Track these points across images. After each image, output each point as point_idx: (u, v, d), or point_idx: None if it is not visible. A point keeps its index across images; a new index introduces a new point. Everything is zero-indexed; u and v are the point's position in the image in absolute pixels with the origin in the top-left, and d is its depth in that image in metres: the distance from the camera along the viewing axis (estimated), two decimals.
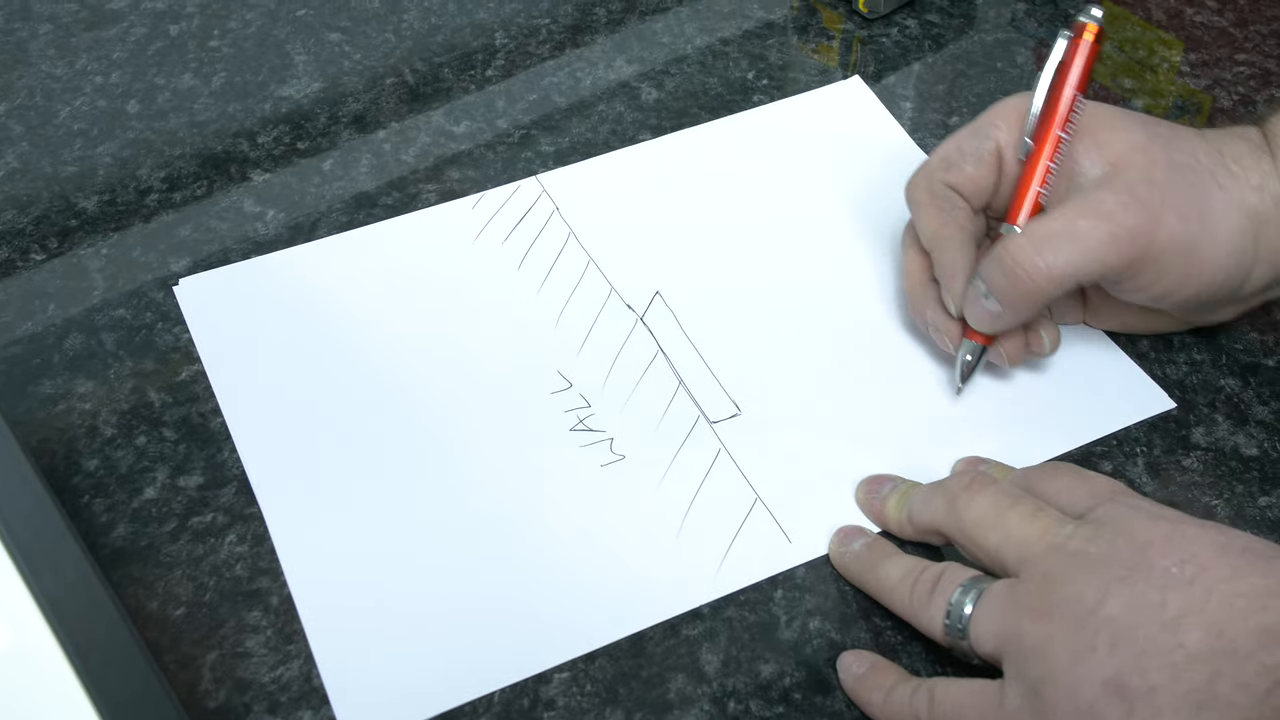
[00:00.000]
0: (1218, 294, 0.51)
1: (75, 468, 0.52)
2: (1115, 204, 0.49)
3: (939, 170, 0.54)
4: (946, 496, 0.47)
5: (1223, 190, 0.50)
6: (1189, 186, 0.49)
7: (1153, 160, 0.50)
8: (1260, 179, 0.50)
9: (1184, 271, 0.49)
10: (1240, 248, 0.50)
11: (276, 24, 0.72)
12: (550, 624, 0.48)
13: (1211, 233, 0.49)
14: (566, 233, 0.61)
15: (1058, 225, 0.49)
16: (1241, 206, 0.50)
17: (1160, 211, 0.49)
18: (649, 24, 0.72)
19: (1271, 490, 0.52)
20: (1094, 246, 0.49)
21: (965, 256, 0.53)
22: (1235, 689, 0.37)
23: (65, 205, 0.62)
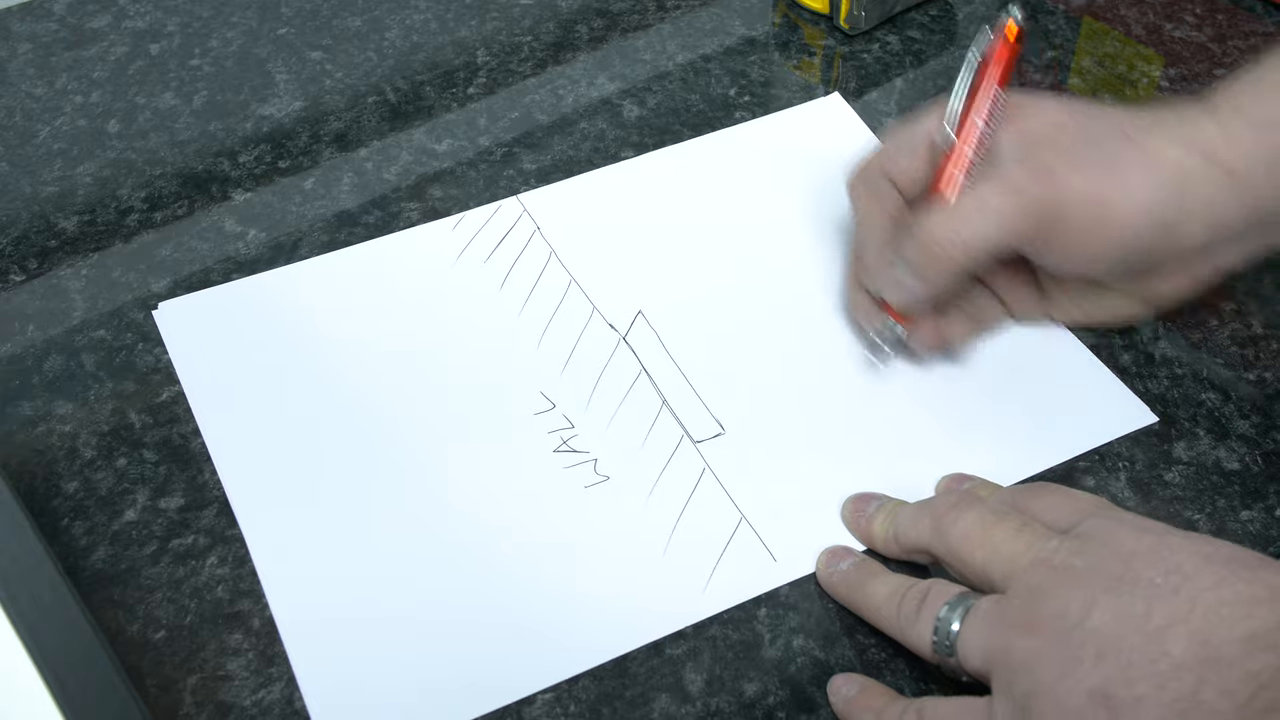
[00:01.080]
0: (1145, 253, 0.52)
1: (54, 490, 0.52)
2: (1023, 175, 0.51)
3: (876, 163, 0.56)
4: (933, 516, 0.47)
5: (1140, 150, 0.51)
6: (1101, 149, 0.51)
7: (1063, 130, 0.51)
8: (1187, 135, 0.51)
9: (1098, 232, 0.51)
10: (1159, 203, 0.50)
11: (257, 43, 0.72)
12: (536, 647, 0.48)
13: (1124, 189, 0.50)
14: (548, 253, 0.61)
15: (969, 201, 0.51)
16: (1161, 164, 0.50)
17: (1066, 175, 0.50)
18: (631, 41, 0.72)
19: (1253, 504, 0.52)
20: (1002, 217, 0.50)
21: (885, 231, 0.55)
22: (1220, 696, 0.37)
23: (45, 225, 0.62)
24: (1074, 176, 0.50)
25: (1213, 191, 0.51)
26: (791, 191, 0.64)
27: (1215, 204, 0.51)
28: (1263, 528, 0.52)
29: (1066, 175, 0.50)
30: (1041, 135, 0.52)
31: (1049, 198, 0.50)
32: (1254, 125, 0.51)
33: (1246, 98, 0.51)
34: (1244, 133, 0.51)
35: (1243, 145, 0.50)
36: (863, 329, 0.57)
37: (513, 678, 0.47)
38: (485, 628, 0.48)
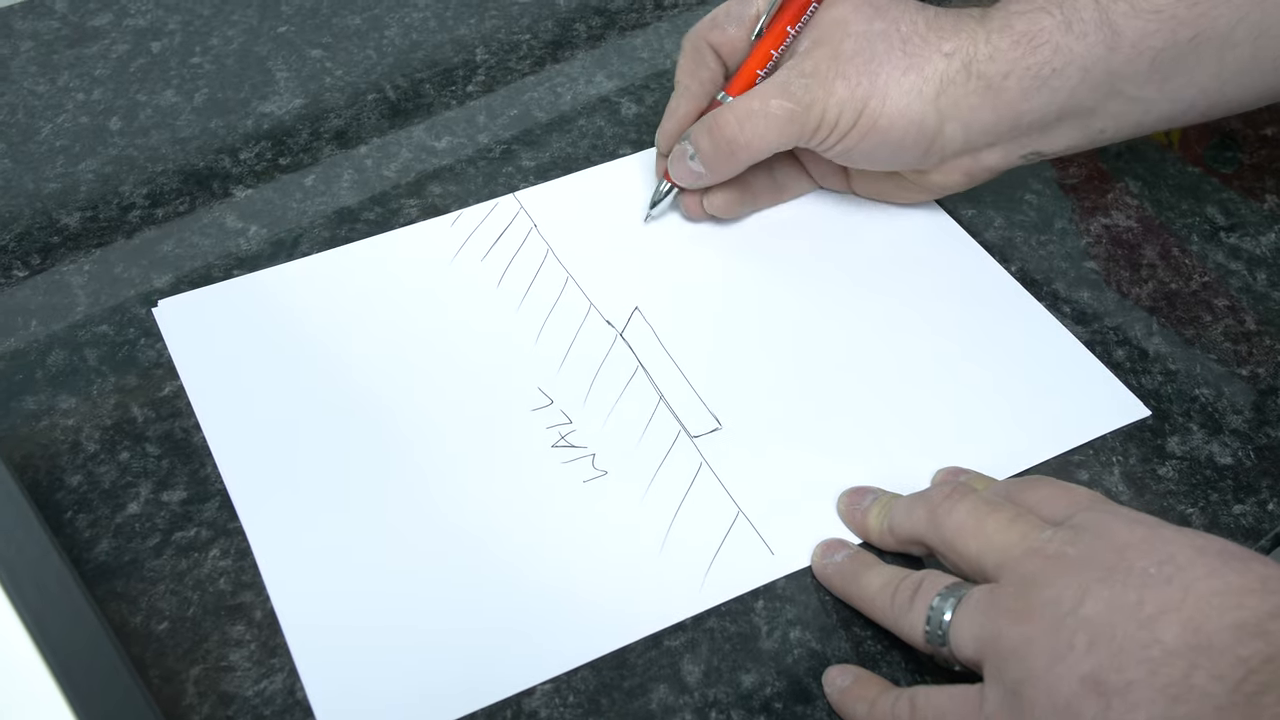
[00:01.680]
0: (905, 150, 0.56)
1: (58, 484, 0.52)
2: (799, 85, 0.56)
3: (705, 27, 0.60)
4: (927, 506, 0.47)
5: (907, 56, 0.55)
6: (870, 54, 0.55)
7: (845, 33, 0.56)
8: (954, 46, 0.55)
9: (859, 131, 0.56)
10: (914, 108, 0.55)
11: (258, 41, 0.72)
12: (535, 640, 0.48)
13: (882, 95, 0.55)
14: (545, 250, 0.62)
15: (756, 104, 0.56)
16: (921, 70, 0.55)
17: (832, 83, 0.55)
18: (629, 39, 0.73)
19: (1245, 498, 0.53)
20: (778, 123, 0.56)
21: (688, 104, 0.60)
22: (1210, 680, 0.37)
23: (47, 222, 0.62)
24: (839, 83, 0.55)
25: (969, 99, 0.55)
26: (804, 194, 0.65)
27: (971, 110, 0.55)
28: (1255, 521, 0.52)
29: (833, 82, 0.55)
30: (825, 34, 0.56)
31: (817, 104, 0.55)
32: (1015, 41, 0.54)
33: (1013, 11, 0.55)
34: (1005, 47, 0.54)
35: (1001, 59, 0.54)
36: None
37: (512, 670, 0.47)
38: (485, 620, 0.49)
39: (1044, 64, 0.54)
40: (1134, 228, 0.64)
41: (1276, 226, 0.64)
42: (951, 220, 0.63)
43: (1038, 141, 0.57)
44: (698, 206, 0.62)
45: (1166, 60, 0.54)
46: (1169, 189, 0.66)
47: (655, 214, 0.62)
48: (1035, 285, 0.61)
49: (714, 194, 0.61)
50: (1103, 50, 0.54)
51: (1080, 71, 0.54)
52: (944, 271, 0.61)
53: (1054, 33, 0.54)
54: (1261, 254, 0.62)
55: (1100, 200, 0.65)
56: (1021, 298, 0.60)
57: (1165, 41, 0.53)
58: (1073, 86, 0.54)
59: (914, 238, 0.63)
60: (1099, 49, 0.54)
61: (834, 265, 0.61)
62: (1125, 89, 0.55)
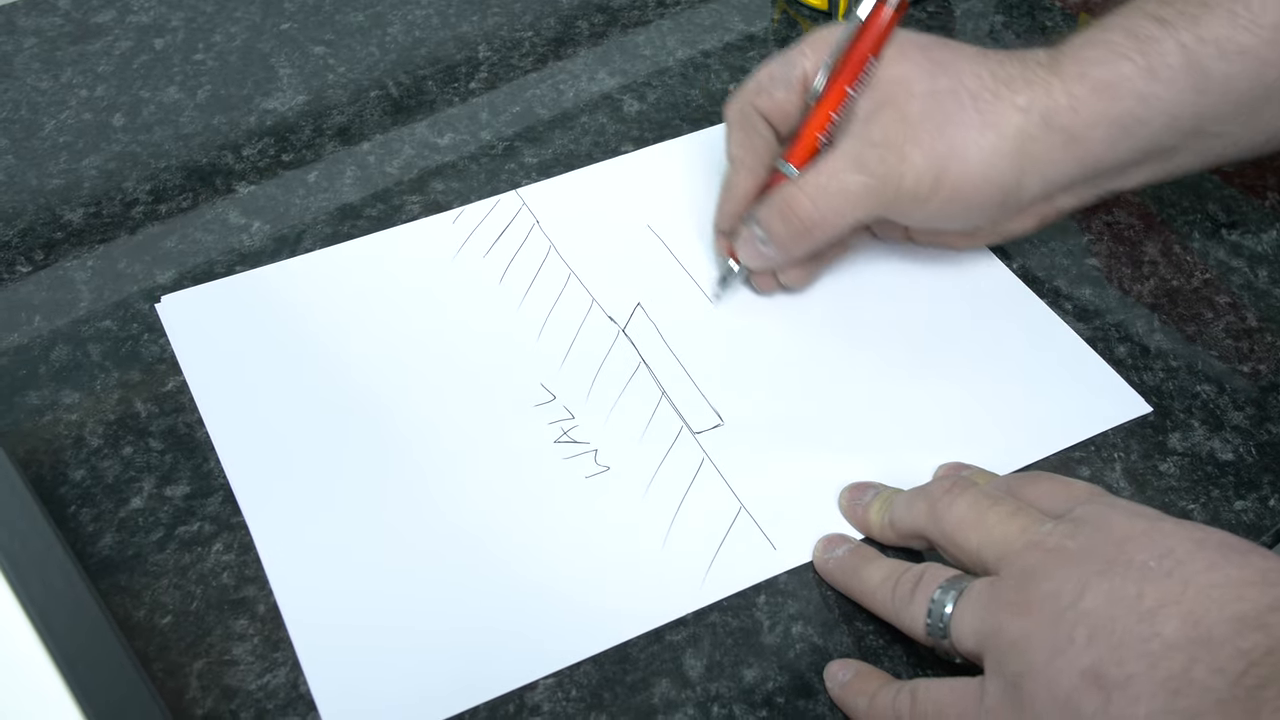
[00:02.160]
0: (986, 211, 0.55)
1: (62, 478, 0.52)
2: (872, 155, 0.53)
3: (751, 94, 0.57)
4: (928, 500, 0.48)
5: (980, 114, 0.53)
6: (942, 116, 0.53)
7: (910, 94, 0.53)
8: (1029, 98, 0.53)
9: (941, 198, 0.53)
10: (996, 168, 0.53)
11: (261, 38, 0.72)
12: (538, 634, 0.48)
13: (961, 158, 0.52)
14: (547, 246, 0.62)
15: (828, 180, 0.53)
16: (998, 127, 0.52)
17: (907, 150, 0.52)
18: (631, 37, 0.73)
19: (1247, 494, 0.53)
20: (856, 199, 0.53)
21: (748, 180, 0.57)
22: (1211, 673, 0.37)
23: (51, 218, 0.62)
24: (914, 151, 0.52)
25: (1050, 153, 0.53)
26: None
27: (1052, 164, 0.53)
28: (1256, 518, 0.52)
29: (908, 149, 0.53)
30: (888, 97, 0.54)
31: (893, 176, 0.53)
32: (1095, 90, 0.53)
33: (1088, 59, 0.53)
34: (1085, 97, 0.53)
35: (1083, 110, 0.53)
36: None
37: (514, 664, 0.47)
38: (488, 614, 0.49)
39: (1128, 112, 0.52)
40: (1135, 225, 0.64)
41: (1278, 224, 0.64)
42: None
43: (1114, 181, 0.56)
44: (772, 283, 0.59)
45: (1253, 100, 0.53)
46: (1170, 186, 0.66)
47: (724, 295, 0.59)
48: (1037, 282, 0.61)
49: (792, 270, 0.58)
50: (1191, 95, 0.52)
51: (1167, 117, 0.53)
52: (946, 269, 0.61)
53: (1137, 80, 0.52)
54: (1263, 251, 0.63)
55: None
56: (1023, 295, 0.60)
57: (1252, 83, 0.52)
58: (1157, 132, 0.53)
59: None
60: (1187, 94, 0.52)
61: (836, 264, 0.61)
62: (1210, 128, 0.54)
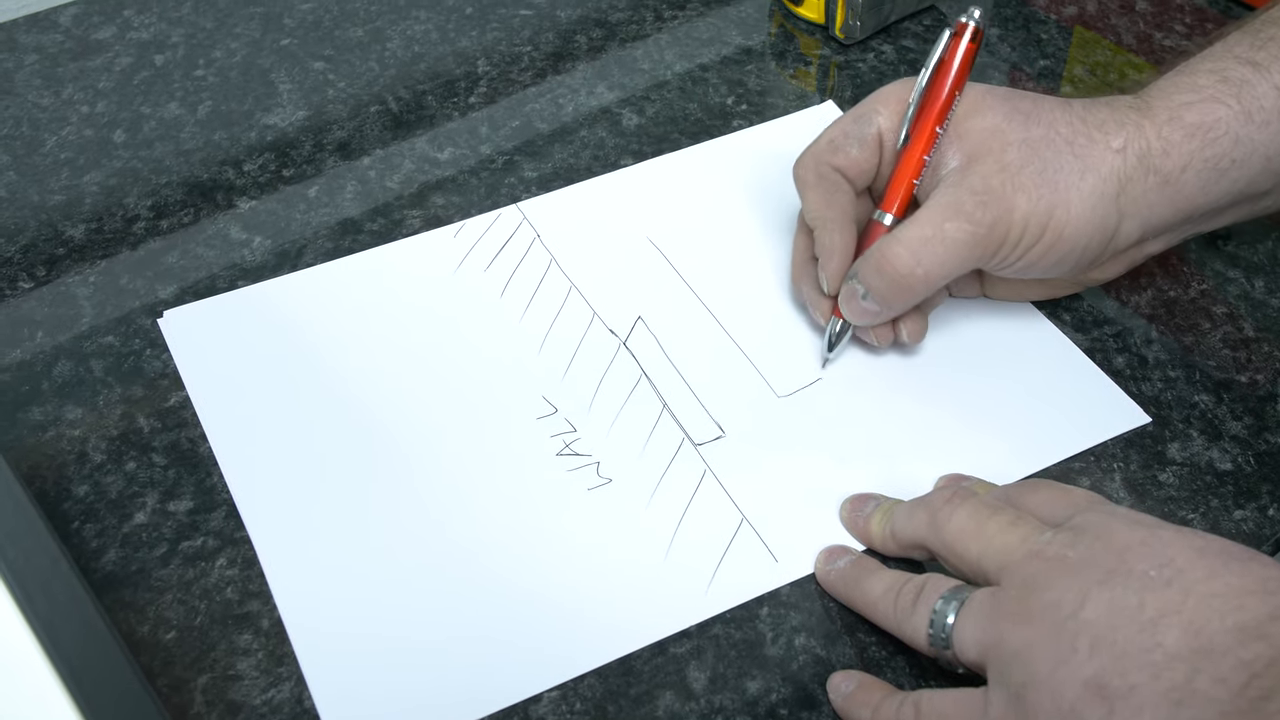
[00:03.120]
0: (1087, 255, 0.54)
1: (65, 494, 0.52)
2: (973, 203, 0.52)
3: (825, 153, 0.56)
4: (928, 511, 0.48)
5: (1078, 159, 0.52)
6: (1041, 162, 0.52)
7: (1006, 143, 0.53)
8: (1123, 141, 0.52)
9: (1045, 243, 0.52)
10: (1099, 211, 0.52)
11: (261, 53, 0.73)
12: (542, 647, 0.48)
13: (1065, 203, 0.52)
14: (548, 260, 0.62)
15: (929, 231, 0.52)
16: (1098, 171, 0.52)
17: (1012, 198, 0.52)
18: (629, 51, 0.73)
19: (1246, 504, 0.53)
20: (959, 248, 0.52)
21: (843, 237, 0.55)
22: (1213, 684, 0.37)
23: (53, 234, 0.62)
24: (1019, 197, 0.52)
25: (1148, 196, 0.53)
26: (787, 197, 0.65)
27: (1150, 206, 0.53)
28: (1255, 527, 0.52)
29: (1013, 198, 0.52)
30: (982, 147, 0.53)
31: (999, 223, 0.52)
32: (1188, 132, 0.52)
33: (1180, 103, 0.53)
34: (1178, 139, 0.52)
35: (1177, 152, 0.52)
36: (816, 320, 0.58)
37: (518, 678, 0.48)
38: (491, 627, 0.49)
39: (1223, 155, 0.52)
40: None
41: (1274, 234, 0.64)
42: None
43: (1204, 224, 0.56)
44: (888, 336, 0.57)
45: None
46: None
47: (833, 357, 0.58)
48: None
49: (907, 322, 0.57)
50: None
51: (1263, 160, 0.53)
52: None
53: (1232, 124, 0.52)
54: (1259, 261, 0.63)
55: None
56: (1022, 307, 0.60)
57: None
58: (1253, 175, 0.53)
59: None
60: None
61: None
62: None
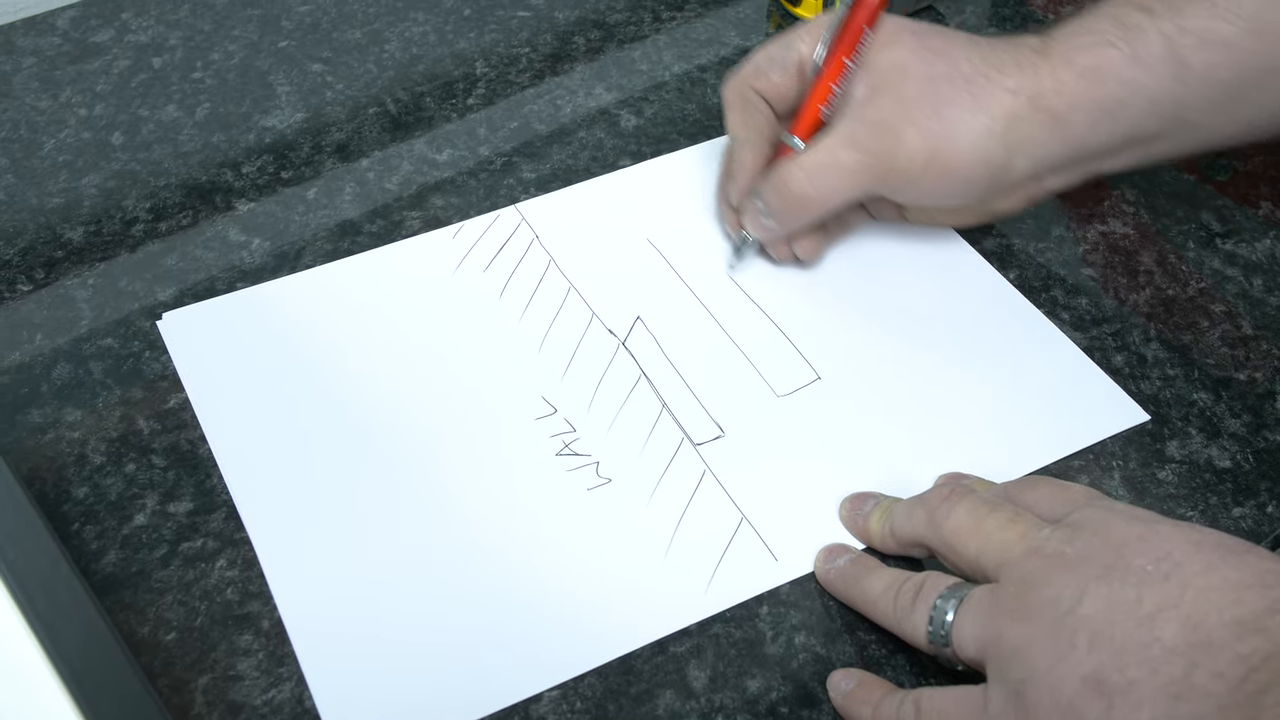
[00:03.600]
0: (975, 187, 0.56)
1: (65, 495, 0.52)
2: (866, 133, 0.55)
3: (749, 76, 0.60)
4: (927, 508, 0.48)
5: (972, 96, 0.54)
6: (936, 97, 0.55)
7: (907, 77, 0.55)
8: (1018, 82, 0.54)
9: (932, 174, 0.55)
10: (985, 146, 0.54)
11: (259, 55, 0.73)
12: (542, 647, 0.48)
13: (952, 137, 0.54)
14: (546, 260, 0.62)
15: (824, 157, 0.56)
16: (989, 109, 0.54)
17: (903, 130, 0.54)
18: (627, 52, 0.73)
19: (1244, 501, 0.53)
20: (850, 174, 0.55)
21: (753, 156, 0.59)
22: (1211, 678, 0.37)
23: (51, 236, 0.62)
24: (909, 130, 0.54)
25: (1037, 133, 0.55)
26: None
27: (1039, 144, 0.55)
28: (1254, 524, 0.52)
29: (903, 129, 0.54)
30: (884, 81, 0.56)
31: (888, 153, 0.55)
32: (1081, 75, 0.54)
33: (1076, 45, 0.55)
34: (1071, 81, 0.54)
35: (1068, 92, 0.54)
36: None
37: (519, 678, 0.48)
38: (491, 628, 0.49)
39: (1110, 97, 0.54)
40: (1131, 235, 0.64)
41: (1271, 232, 0.64)
42: (951, 229, 0.64)
43: (1099, 164, 0.58)
44: (787, 252, 0.61)
45: (1234, 90, 0.54)
46: (1165, 196, 0.66)
47: (739, 264, 0.62)
48: (1034, 292, 0.61)
49: (802, 241, 0.60)
50: (1171, 82, 0.54)
51: (1148, 103, 0.54)
52: (943, 279, 0.62)
53: (1120, 66, 0.54)
54: (1257, 260, 0.63)
55: (1097, 208, 0.66)
56: (1020, 305, 0.61)
57: (1233, 74, 0.54)
58: (1139, 117, 0.55)
59: (914, 247, 0.63)
60: (1167, 81, 0.54)
61: (834, 274, 0.62)
62: (1191, 116, 0.55)
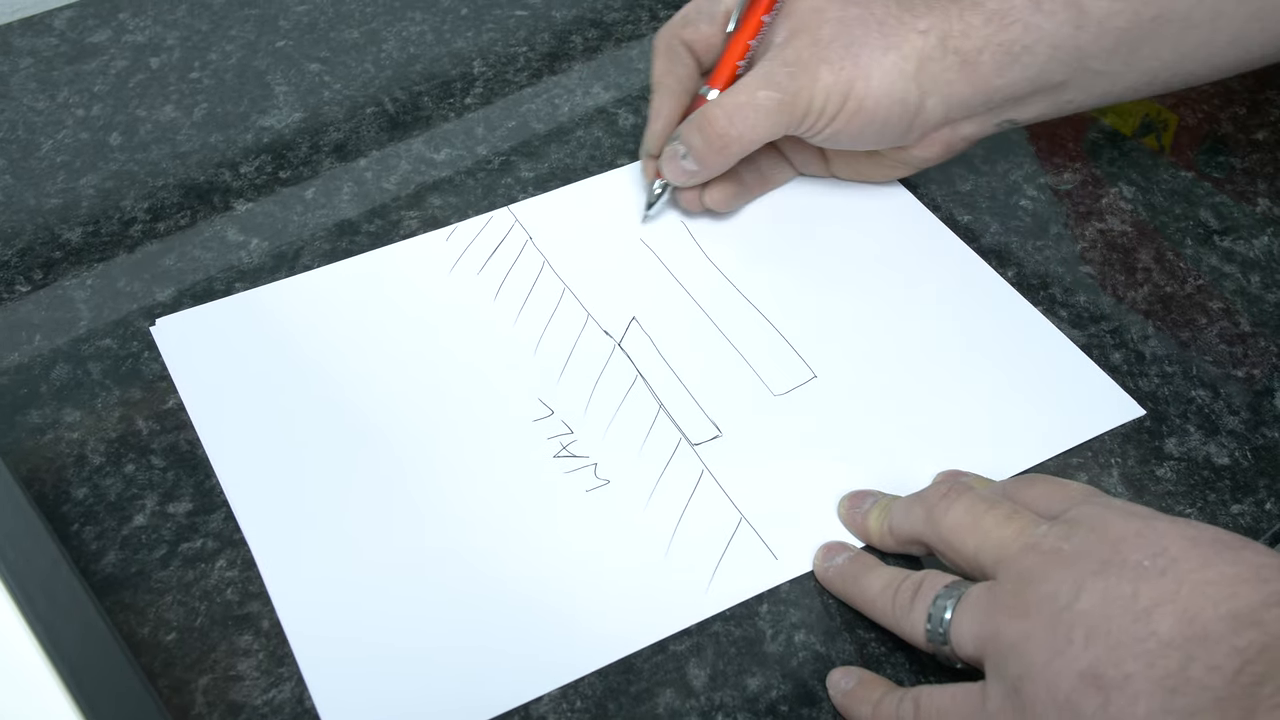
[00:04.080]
0: (890, 128, 0.58)
1: (64, 496, 0.52)
2: (783, 73, 0.57)
3: (677, 26, 0.62)
4: (925, 506, 0.48)
5: (884, 37, 0.56)
6: (849, 38, 0.57)
7: (823, 20, 0.57)
8: (928, 24, 0.57)
9: (847, 113, 0.57)
10: (897, 86, 0.56)
11: (256, 55, 0.73)
12: (543, 649, 0.48)
13: (865, 76, 0.56)
14: (541, 262, 0.62)
15: (743, 97, 0.57)
16: (900, 49, 0.56)
17: (817, 69, 0.56)
18: (625, 51, 0.73)
19: (1243, 498, 0.53)
20: (768, 114, 0.57)
21: (672, 103, 0.61)
22: (1207, 671, 0.37)
23: (49, 237, 0.62)
24: (823, 69, 0.56)
25: (947, 74, 0.57)
26: (780, 194, 0.65)
27: (949, 85, 0.57)
28: (1253, 521, 0.53)
29: (817, 68, 0.56)
30: (802, 23, 0.58)
31: (804, 92, 0.56)
32: (987, 17, 0.56)
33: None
34: (977, 23, 0.56)
35: (975, 34, 0.56)
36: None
37: (519, 679, 0.48)
38: (492, 629, 0.49)
39: (1015, 40, 0.56)
40: (1128, 232, 0.64)
41: (1269, 229, 0.65)
42: (947, 228, 0.64)
43: (1011, 111, 0.59)
44: (697, 201, 0.62)
45: (1131, 38, 0.56)
46: (1162, 194, 0.66)
47: (652, 214, 0.63)
48: (1032, 290, 0.61)
49: (712, 189, 0.62)
50: (1070, 29, 0.56)
51: (1049, 48, 0.56)
52: (941, 278, 0.62)
53: (1024, 10, 0.56)
54: (1255, 257, 0.63)
55: (1095, 205, 0.66)
56: (1018, 303, 0.61)
57: (1129, 21, 0.56)
58: (1042, 62, 0.56)
59: (910, 246, 0.63)
60: (1067, 27, 0.56)
61: (830, 274, 0.62)
62: (1092, 64, 0.57)
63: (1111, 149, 0.69)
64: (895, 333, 0.59)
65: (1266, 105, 0.71)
